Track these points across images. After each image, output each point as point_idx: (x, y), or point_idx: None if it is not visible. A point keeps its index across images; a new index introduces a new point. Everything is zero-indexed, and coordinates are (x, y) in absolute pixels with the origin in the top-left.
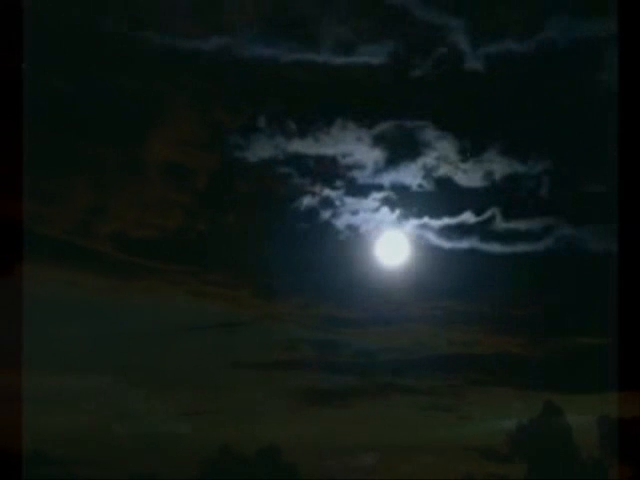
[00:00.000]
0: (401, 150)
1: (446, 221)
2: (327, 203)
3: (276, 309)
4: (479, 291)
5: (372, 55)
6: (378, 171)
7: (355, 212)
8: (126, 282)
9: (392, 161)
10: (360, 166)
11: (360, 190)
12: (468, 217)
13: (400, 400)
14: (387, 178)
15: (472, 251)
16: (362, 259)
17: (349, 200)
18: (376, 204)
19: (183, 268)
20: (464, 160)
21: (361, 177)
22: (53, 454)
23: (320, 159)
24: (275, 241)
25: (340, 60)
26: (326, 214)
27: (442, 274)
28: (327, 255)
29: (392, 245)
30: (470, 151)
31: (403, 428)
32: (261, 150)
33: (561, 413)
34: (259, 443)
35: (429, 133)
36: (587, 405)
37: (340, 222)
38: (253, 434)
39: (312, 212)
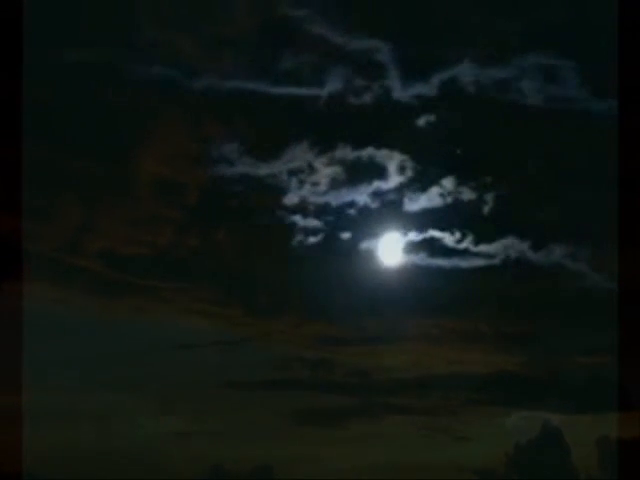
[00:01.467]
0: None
1: (408, 240)
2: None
3: (268, 327)
4: (471, 308)
5: (320, 85)
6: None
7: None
8: (116, 300)
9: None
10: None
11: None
12: (435, 236)
13: (396, 420)
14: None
15: (444, 268)
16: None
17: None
18: (332, 226)
19: (174, 285)
20: (420, 184)
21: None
22: (51, 471)
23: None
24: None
25: (291, 90)
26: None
27: (425, 291)
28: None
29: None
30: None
31: (399, 448)
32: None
33: (560, 433)
34: (251, 462)
35: (383, 157)
36: (586, 425)
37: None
38: (245, 453)
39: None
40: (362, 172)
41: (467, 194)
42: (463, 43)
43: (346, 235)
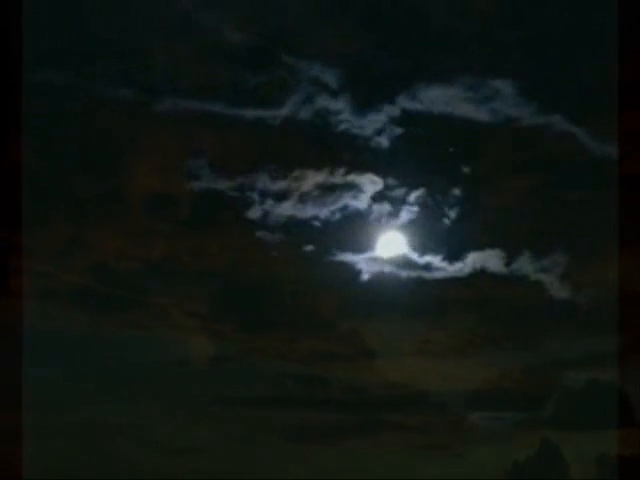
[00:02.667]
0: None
1: (377, 253)
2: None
3: (261, 343)
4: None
5: (283, 106)
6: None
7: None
8: (107, 315)
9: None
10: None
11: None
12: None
13: (392, 438)
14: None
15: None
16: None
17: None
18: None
19: (166, 300)
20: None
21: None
22: None
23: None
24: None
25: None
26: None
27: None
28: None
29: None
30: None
31: (395, 467)
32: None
33: (558, 450)
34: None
35: (350, 175)
36: (585, 442)
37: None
38: (239, 470)
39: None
40: (327, 190)
41: (433, 208)
42: (422, 64)
43: (319, 249)
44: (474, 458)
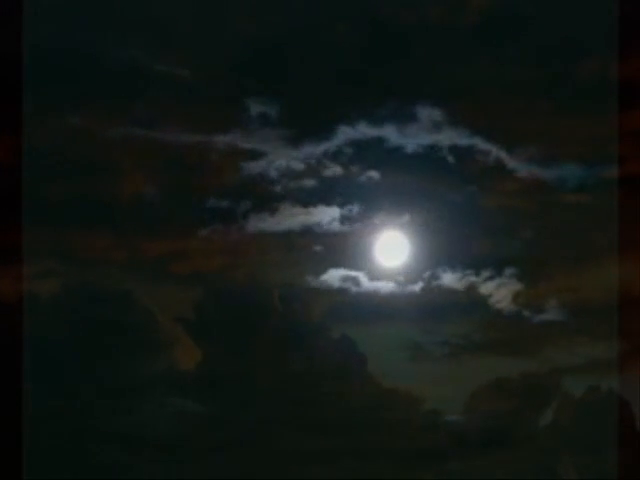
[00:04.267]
0: None
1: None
2: None
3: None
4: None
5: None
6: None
7: None
8: (93, 322)
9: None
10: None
11: None
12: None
13: (386, 459)
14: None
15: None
16: None
17: None
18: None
19: (153, 307)
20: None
21: None
22: None
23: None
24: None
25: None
26: None
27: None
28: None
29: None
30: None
31: None
32: None
33: (557, 474)
34: None
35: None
36: (585, 465)
37: None
38: None
39: None
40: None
41: (394, 231)
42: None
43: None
44: (471, 470)
